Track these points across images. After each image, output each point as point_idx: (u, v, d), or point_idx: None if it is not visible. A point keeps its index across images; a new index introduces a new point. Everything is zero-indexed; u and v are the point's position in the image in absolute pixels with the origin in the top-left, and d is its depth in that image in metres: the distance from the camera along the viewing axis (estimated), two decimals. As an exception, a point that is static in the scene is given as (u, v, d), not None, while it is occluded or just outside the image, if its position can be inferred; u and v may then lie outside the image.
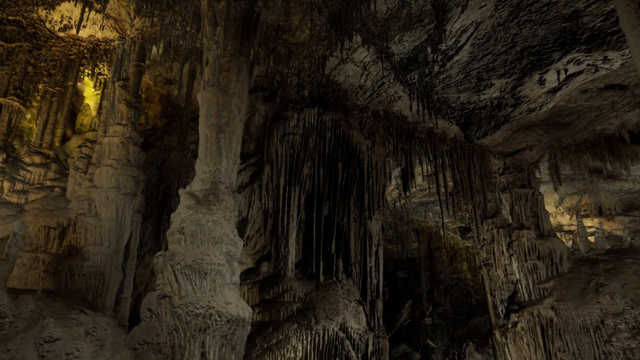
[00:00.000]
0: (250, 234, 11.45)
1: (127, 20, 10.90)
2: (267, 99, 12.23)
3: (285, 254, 10.92)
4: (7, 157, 9.71)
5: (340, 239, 11.66)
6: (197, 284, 6.91)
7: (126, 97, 10.06)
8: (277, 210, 11.30)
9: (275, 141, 11.56)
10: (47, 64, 11.07)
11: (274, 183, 11.44)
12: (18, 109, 10.18)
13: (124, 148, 9.43)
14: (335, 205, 11.70)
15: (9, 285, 8.68)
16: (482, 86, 11.96)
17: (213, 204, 7.52)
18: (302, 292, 10.40)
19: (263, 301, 10.37)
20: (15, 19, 10.67)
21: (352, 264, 11.44)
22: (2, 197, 9.31)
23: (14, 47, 10.58)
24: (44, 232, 9.01)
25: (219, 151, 8.15)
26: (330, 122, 11.95)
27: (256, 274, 10.91)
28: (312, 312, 9.85)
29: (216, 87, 8.55)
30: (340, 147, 11.99)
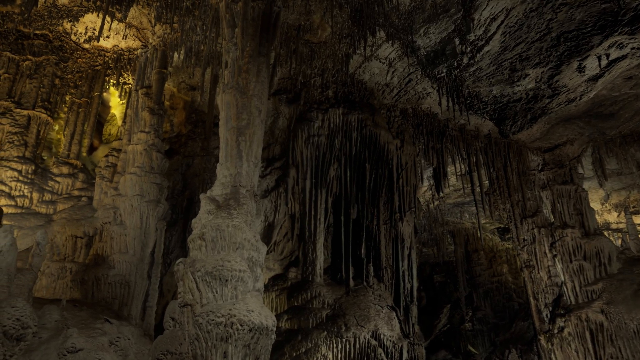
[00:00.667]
0: (277, 239, 11.20)
1: (149, 29, 10.92)
2: (291, 101, 11.99)
3: (313, 259, 10.59)
4: (36, 169, 9.84)
5: (370, 243, 11.23)
6: (218, 291, 6.67)
7: (149, 104, 10.03)
8: (304, 214, 11.00)
9: (300, 143, 11.29)
10: (74, 75, 11.23)
11: (300, 186, 11.16)
12: (46, 120, 10.33)
13: (147, 155, 9.37)
14: (364, 208, 11.30)
15: (37, 295, 8.73)
16: (515, 77, 11.31)
17: (233, 208, 7.29)
18: (332, 298, 10.03)
19: (291, 308, 10.07)
20: (42, 33, 10.87)
21: (383, 268, 10.98)
22: (32, 208, 9.41)
23: (42, 60, 10.77)
24: (71, 242, 9.04)
25: (239, 154, 7.93)
26: (356, 121, 11.59)
27: (284, 280, 10.63)
28: (342, 318, 9.46)
29: (235, 89, 8.36)
30: (367, 147, 11.60)
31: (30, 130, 10.09)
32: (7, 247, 6.51)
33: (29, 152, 9.87)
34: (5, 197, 9.26)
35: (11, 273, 6.55)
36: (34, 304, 7.38)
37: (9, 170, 9.45)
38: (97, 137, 11.71)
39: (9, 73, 10.41)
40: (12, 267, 6.59)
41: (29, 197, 9.46)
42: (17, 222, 9.02)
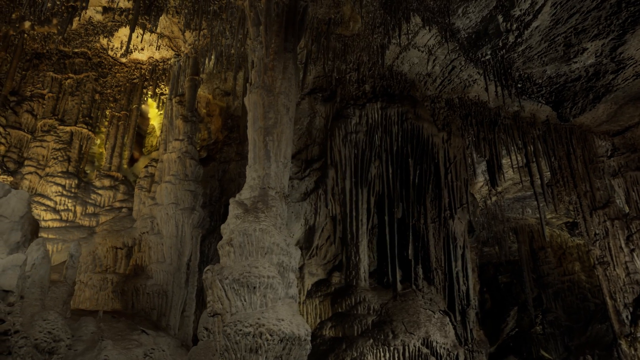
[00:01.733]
0: (319, 243, 10.76)
1: (180, 37, 10.92)
2: (327, 99, 11.56)
3: (357, 262, 10.04)
4: (80, 182, 10.05)
5: (418, 243, 10.51)
6: (246, 299, 6.32)
7: (182, 112, 9.97)
8: (345, 216, 10.49)
9: (337, 142, 10.81)
10: (113, 89, 11.46)
11: (340, 187, 10.66)
12: (87, 135, 10.57)
13: (180, 163, 9.28)
14: (409, 206, 10.60)
15: (81, 307, 8.83)
16: (571, 53, 10.20)
17: (261, 211, 6.93)
18: (377, 303, 9.42)
19: (335, 315, 9.57)
20: (82, 51, 11.18)
21: (433, 270, 10.22)
22: (75, 221, 9.59)
23: (82, 77, 11.06)
24: (111, 253, 9.09)
25: (267, 155, 7.58)
26: (396, 115, 10.94)
27: (327, 286, 10.16)
28: (389, 325, 8.83)
29: (261, 88, 8.04)
30: (410, 141, 10.91)
31: (73, 145, 10.36)
32: (40, 260, 6.51)
33: (72, 166, 10.11)
34: (51, 211, 9.50)
35: (44, 286, 6.55)
36: (73, 316, 7.40)
37: (54, 185, 9.70)
38: (137, 149, 11.89)
39: (52, 92, 10.77)
40: (45, 279, 6.59)
41: (72, 211, 9.67)
42: (61, 235, 9.21)
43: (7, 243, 6.63)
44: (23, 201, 6.92)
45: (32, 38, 10.73)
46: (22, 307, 6.19)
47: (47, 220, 9.36)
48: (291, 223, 10.52)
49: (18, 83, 10.71)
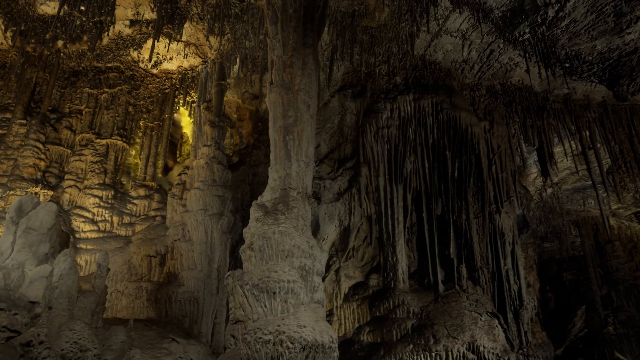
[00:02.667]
0: (355, 245, 10.35)
1: (206, 44, 10.93)
2: (357, 95, 11.15)
3: (394, 263, 9.54)
4: (116, 193, 10.26)
5: (460, 240, 9.83)
6: (266, 305, 6.05)
7: (210, 117, 9.94)
8: (380, 215, 10.02)
9: (369, 138, 10.37)
10: (145, 101, 11.66)
11: (374, 185, 10.21)
12: (122, 147, 10.80)
13: (208, 169, 9.22)
14: (449, 202, 9.96)
15: (119, 315, 8.94)
16: (624, 24, 9.18)
17: (281, 213, 6.66)
18: (417, 306, 8.87)
19: (374, 319, 9.12)
20: (115, 65, 11.48)
21: (478, 269, 9.51)
22: (113, 231, 9.77)
23: (116, 91, 11.34)
24: (146, 261, 9.16)
25: (288, 154, 7.31)
26: (430, 106, 10.34)
27: (365, 288, 9.72)
28: (430, 329, 8.26)
29: (280, 86, 7.80)
30: (446, 133, 10.27)
31: (109, 157, 10.61)
32: (67, 271, 6.59)
33: (108, 178, 10.34)
34: (89, 222, 9.74)
35: (72, 296, 6.61)
36: (105, 325, 7.46)
37: (91, 197, 9.96)
38: (171, 158, 12.04)
39: (89, 107, 11.12)
40: (73, 290, 6.65)
41: (109, 221, 9.87)
42: (98, 245, 9.41)
43: (35, 255, 6.77)
44: (51, 213, 7.04)
45: (68, 57, 11.14)
46: (50, 318, 6.25)
47: (85, 232, 9.61)
48: (324, 225, 10.19)
49: (58, 101, 11.14)
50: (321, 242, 10.17)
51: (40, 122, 10.07)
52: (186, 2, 9.79)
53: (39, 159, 9.70)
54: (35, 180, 9.47)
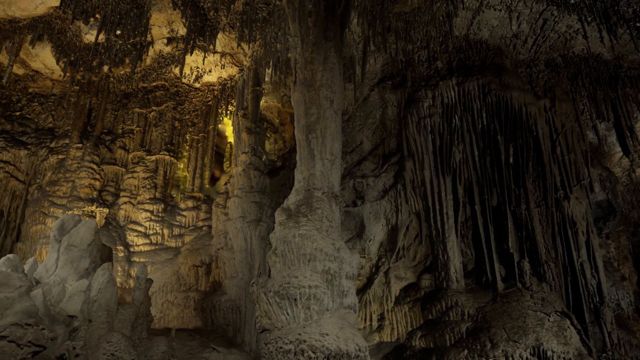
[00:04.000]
0: (405, 244, 9.76)
1: (240, 52, 10.98)
2: (397, 86, 10.57)
3: (445, 261, 8.82)
4: (166, 207, 10.59)
5: (520, 233, 8.87)
6: (289, 312, 5.77)
7: (246, 124, 9.93)
8: (428, 210, 9.35)
9: (411, 130, 9.76)
10: (190, 114, 11.97)
11: (419, 179, 9.57)
12: (170, 161, 11.15)
13: (245, 175, 9.18)
14: (505, 191, 9.04)
15: (170, 325, 9.15)
16: (701, -34, 7.78)
17: (303, 215, 6.36)
18: (473, 307, 8.11)
19: (426, 322, 8.48)
20: (161, 84, 11.92)
21: (543, 263, 8.50)
22: (164, 243, 10.07)
23: (163, 108, 11.76)
24: (193, 271, 9.30)
25: (311, 154, 7.01)
26: (477, 88, 9.51)
27: (416, 290, 9.10)
28: (487, 332, 7.48)
29: (302, 84, 7.55)
30: (497, 116, 9.37)
31: (158, 173, 11.00)
32: (105, 284, 6.79)
33: (158, 192, 10.71)
34: (142, 236, 10.13)
35: (111, 309, 6.80)
36: (149, 336, 7.62)
37: (143, 212, 10.35)
38: (218, 168, 12.23)
39: (139, 126, 11.64)
40: (112, 303, 6.84)
41: (160, 234, 10.19)
42: (150, 258, 9.73)
43: (76, 270, 7.07)
44: (90, 230, 7.34)
45: (118, 80, 11.76)
46: (90, 330, 6.45)
47: (139, 245, 10.00)
48: (370, 224, 9.73)
49: (112, 123, 11.80)
50: (368, 242, 9.72)
51: (94, 145, 10.71)
52: (214, 13, 9.89)
53: (94, 179, 10.29)
54: (91, 199, 10.06)
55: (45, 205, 9.73)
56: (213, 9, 9.82)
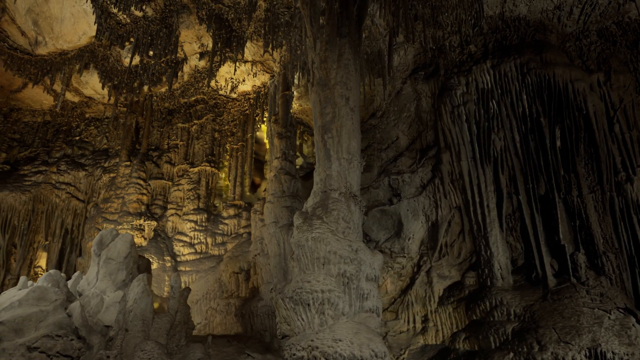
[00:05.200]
0: (447, 240, 9.25)
1: (270, 58, 11.06)
2: (429, 76, 10.09)
3: (488, 257, 8.23)
4: (209, 216, 10.90)
5: (573, 222, 8.05)
6: (304, 318, 5.65)
7: (277, 130, 9.97)
8: (467, 204, 8.80)
9: (445, 120, 9.25)
10: (229, 125, 12.26)
11: (457, 171, 9.03)
12: (211, 172, 11.47)
13: (276, 180, 9.21)
14: (552, 178, 8.27)
15: (215, 332, 9.37)
16: None
17: (317, 217, 6.21)
18: (519, 306, 7.47)
19: (470, 323, 7.96)
20: (200, 98, 12.34)
21: (601, 255, 7.64)
22: (208, 252, 10.36)
23: (204, 121, 12.15)
24: (233, 278, 9.47)
25: (327, 154, 6.86)
26: (514, 69, 8.81)
27: (460, 289, 8.59)
28: (534, 333, 6.86)
29: (317, 84, 7.43)
30: (538, 96, 8.62)
31: (200, 183, 11.37)
32: (140, 295, 7.08)
33: (202, 203, 11.06)
34: (187, 246, 10.50)
35: (146, 318, 7.07)
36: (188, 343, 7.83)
37: (188, 223, 10.74)
38: (258, 175, 12.37)
39: (182, 140, 12.12)
40: (147, 312, 7.11)
41: (204, 243, 10.50)
42: (195, 267, 10.06)
43: (114, 282, 7.45)
44: (127, 243, 7.71)
45: (162, 98, 12.33)
46: (126, 339, 6.75)
47: (185, 255, 10.37)
48: (408, 222, 9.35)
49: (158, 139, 12.39)
50: (407, 241, 9.35)
51: (140, 162, 11.30)
52: (238, 24, 10.05)
53: (141, 194, 10.86)
54: (139, 213, 10.61)
55: (99, 222, 10.42)
56: (237, 20, 9.99)
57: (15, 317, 5.74)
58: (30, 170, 11.81)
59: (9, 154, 12.61)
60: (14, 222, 11.16)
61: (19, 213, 11.18)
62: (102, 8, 9.64)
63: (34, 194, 11.35)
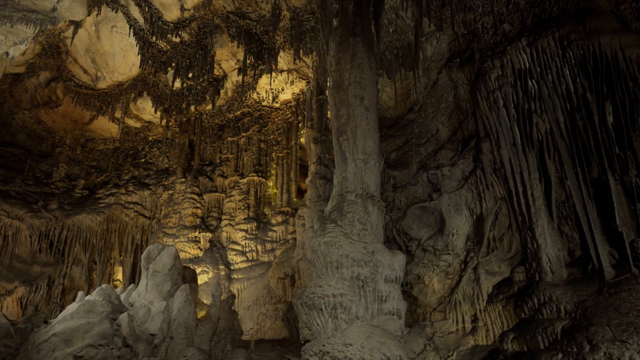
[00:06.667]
0: (495, 234, 8.71)
1: (304, 65, 11.21)
2: (464, 62, 9.60)
3: (535, 250, 7.62)
4: (259, 224, 11.28)
5: (633, 205, 7.19)
6: (319, 323, 5.66)
7: (313, 134, 10.08)
8: (510, 193, 8.22)
9: (482, 106, 8.74)
10: (274, 134, 12.58)
11: (498, 159, 8.49)
12: (259, 182, 11.86)
13: (312, 185, 9.31)
14: (604, 158, 7.46)
15: (266, 336, 9.66)
16: None
17: (331, 221, 6.19)
18: (571, 301, 6.83)
19: (519, 322, 7.42)
20: (247, 111, 12.82)
21: (667, 241, 6.75)
22: (258, 259, 10.73)
23: (250, 133, 12.61)
24: (280, 284, 9.71)
25: (343, 156, 6.83)
26: (553, 44, 8.09)
27: (509, 285, 8.03)
28: (585, 332, 6.23)
29: (332, 87, 7.42)
30: (582, 70, 7.83)
31: (249, 193, 11.79)
32: (182, 304, 7.56)
33: (251, 212, 11.47)
34: (239, 254, 10.94)
35: (189, 325, 7.51)
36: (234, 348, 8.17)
37: (240, 232, 11.19)
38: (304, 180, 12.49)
39: (232, 153, 12.66)
40: (190, 320, 7.56)
41: (255, 250, 10.87)
42: (246, 274, 10.45)
43: (160, 293, 7.99)
44: (170, 256, 8.25)
45: (211, 115, 13.00)
46: (171, 346, 7.23)
47: (237, 263, 10.83)
48: (451, 218, 8.95)
49: (211, 154, 13.07)
50: (451, 237, 8.95)
51: (194, 177, 12.00)
52: (267, 36, 10.31)
53: (195, 207, 11.52)
54: (194, 226, 11.27)
55: (160, 236, 11.24)
56: (265, 33, 10.26)
57: (66, 328, 6.41)
58: (104, 193, 13.05)
59: (88, 180, 14.03)
60: (92, 241, 12.40)
61: (96, 233, 12.40)
62: (144, 39, 10.42)
63: (107, 214, 12.52)
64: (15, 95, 13.26)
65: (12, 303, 11.62)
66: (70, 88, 12.20)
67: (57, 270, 12.30)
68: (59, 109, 13.27)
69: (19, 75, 12.32)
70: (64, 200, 12.96)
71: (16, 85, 12.75)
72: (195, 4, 9.78)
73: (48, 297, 11.95)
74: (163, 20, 9.94)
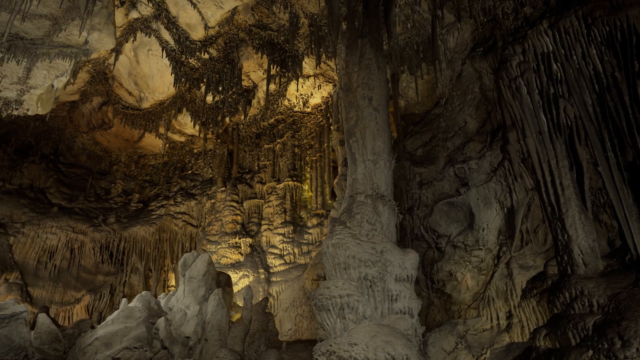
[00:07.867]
0: (528, 226, 8.37)
1: (329, 68, 11.36)
2: (487, 51, 9.29)
3: (566, 241, 7.23)
4: (295, 227, 11.57)
5: (673, 190, 6.65)
6: (329, 323, 5.78)
7: (339, 137, 10.21)
8: (537, 183, 7.86)
9: (505, 95, 8.44)
10: (307, 138, 12.82)
11: (525, 149, 8.15)
12: (294, 186, 12.14)
13: (338, 187, 9.44)
14: (637, 142, 6.95)
15: (303, 337, 9.91)
16: None
17: (340, 223, 6.29)
18: (604, 295, 6.43)
19: (552, 318, 7.09)
20: (280, 118, 13.19)
21: None
22: (295, 262, 11.01)
23: (285, 139, 12.95)
24: (314, 285, 9.92)
25: (353, 158, 6.91)
26: (576, 23, 7.66)
27: (543, 280, 7.69)
28: (616, 327, 5.87)
29: (342, 90, 7.51)
30: (610, 47, 7.35)
31: (286, 198, 12.11)
32: (215, 307, 7.99)
33: (288, 216, 11.78)
34: (278, 257, 11.28)
35: (222, 328, 7.92)
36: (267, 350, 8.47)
37: (277, 236, 11.54)
38: (337, 182, 12.63)
39: (268, 159, 13.06)
40: (223, 323, 7.96)
41: (292, 253, 11.16)
42: (283, 277, 10.76)
43: (196, 298, 8.47)
44: (204, 262, 8.73)
45: (248, 125, 13.49)
46: (205, 348, 7.67)
47: (276, 266, 11.17)
48: (480, 212, 8.71)
49: (250, 162, 13.56)
50: (481, 232, 8.71)
51: (233, 186, 12.52)
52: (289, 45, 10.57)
53: (235, 214, 12.03)
54: (235, 232, 11.76)
55: (204, 244, 11.86)
56: (286, 42, 10.53)
57: (107, 333, 7.02)
58: (155, 205, 13.97)
59: (142, 193, 15.05)
60: (147, 250, 13.31)
61: (150, 243, 13.30)
62: (176, 59, 11.07)
63: (159, 225, 13.39)
64: (74, 121, 14.55)
65: (80, 310, 12.76)
66: (118, 110, 13.20)
67: (118, 279, 13.34)
68: (111, 130, 14.39)
69: (75, 102, 13.51)
70: (121, 214, 14.03)
71: (73, 111, 13.99)
72: (218, 21, 10.26)
73: (111, 304, 12.99)
74: (190, 39, 10.53)
